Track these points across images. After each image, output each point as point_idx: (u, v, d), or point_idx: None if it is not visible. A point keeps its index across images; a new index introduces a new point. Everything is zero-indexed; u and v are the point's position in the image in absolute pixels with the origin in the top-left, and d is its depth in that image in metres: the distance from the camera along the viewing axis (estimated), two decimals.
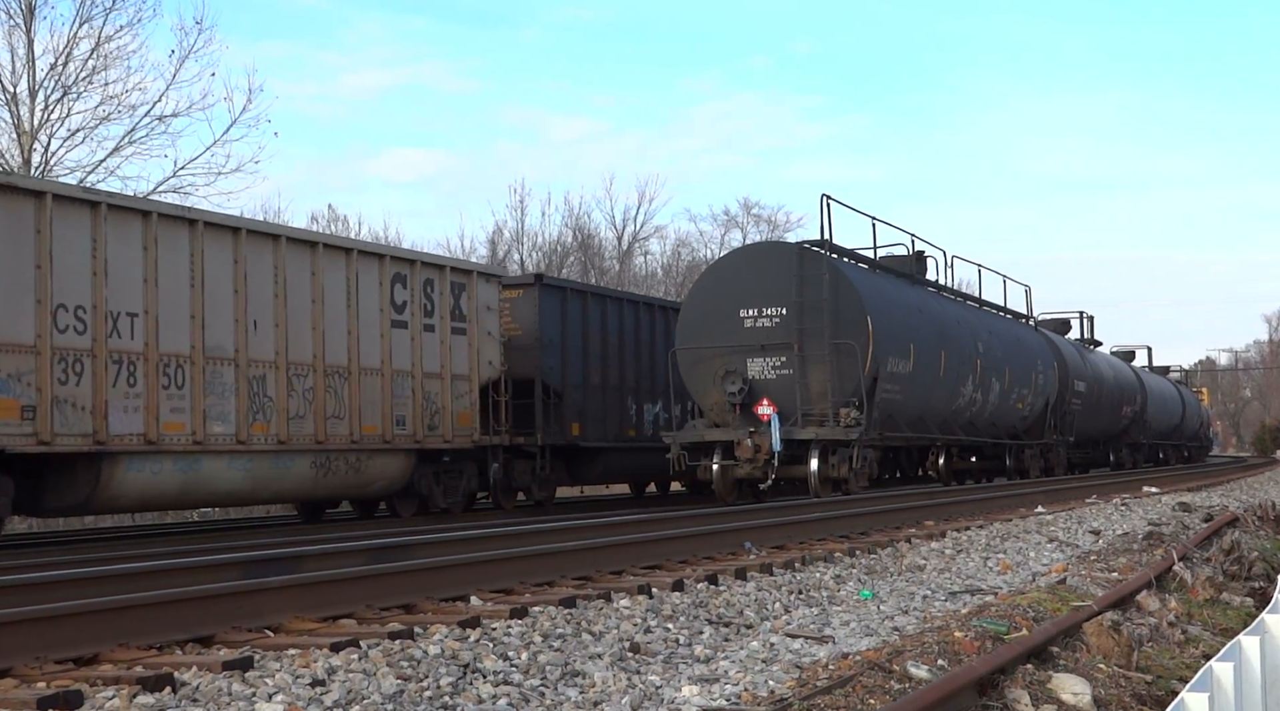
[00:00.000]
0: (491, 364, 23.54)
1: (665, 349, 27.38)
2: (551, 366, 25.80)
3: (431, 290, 22.37)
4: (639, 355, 28.71)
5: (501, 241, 58.45)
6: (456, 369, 22.81)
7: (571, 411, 26.22)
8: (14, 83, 29.98)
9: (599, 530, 14.42)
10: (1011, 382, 31.43)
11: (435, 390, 22.25)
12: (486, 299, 23.71)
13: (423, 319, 22.12)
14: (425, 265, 22.46)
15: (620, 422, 27.89)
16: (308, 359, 19.75)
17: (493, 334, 23.75)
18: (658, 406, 28.94)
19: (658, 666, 7.42)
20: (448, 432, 22.45)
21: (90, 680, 6.54)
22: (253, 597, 8.31)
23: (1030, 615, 8.93)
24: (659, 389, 28.60)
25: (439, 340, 22.46)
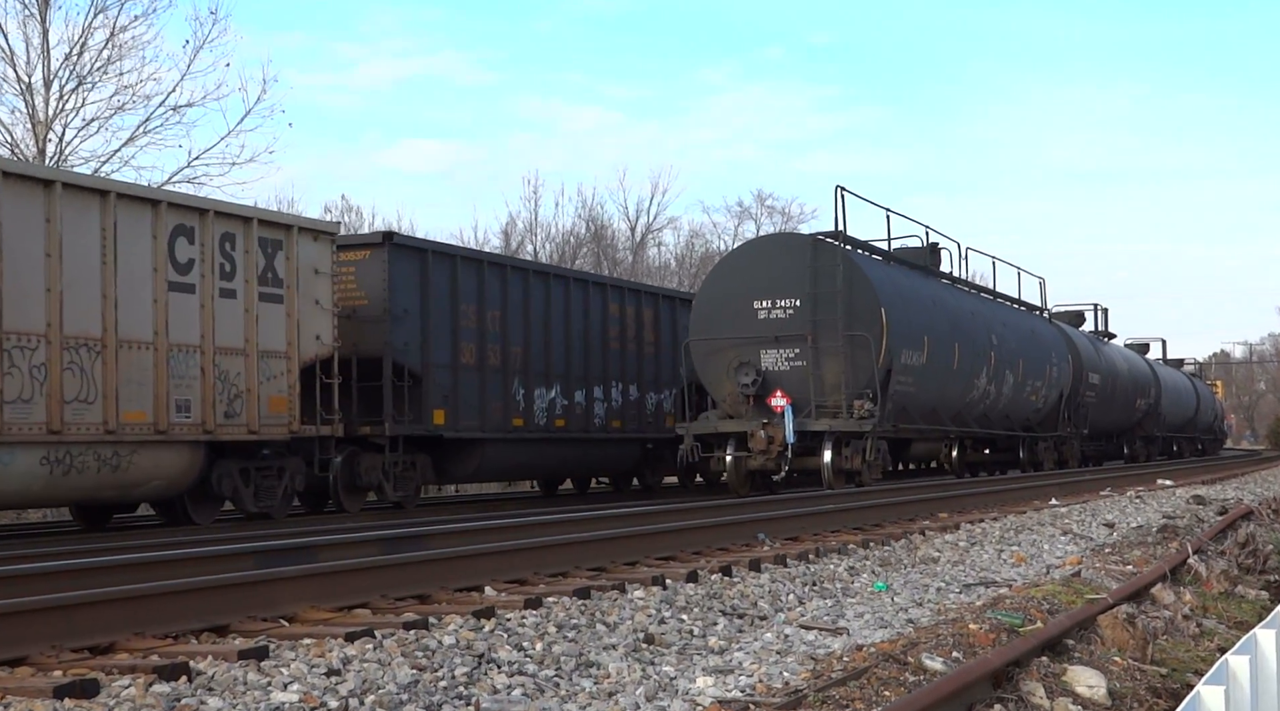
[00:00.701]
0: (320, 339, 19.56)
1: (574, 326, 25.73)
2: (407, 343, 21.53)
3: (232, 247, 18.22)
4: (531, 331, 24.59)
5: (515, 232, 58.46)
6: (267, 344, 18.65)
7: (435, 396, 21.98)
8: (29, 72, 29.99)
9: (613, 521, 14.42)
10: (1025, 375, 31.38)
11: (236, 369, 18.15)
12: (313, 260, 19.55)
13: (218, 282, 17.96)
14: (223, 216, 18.24)
15: (504, 410, 23.73)
16: (36, 328, 15.69)
17: (322, 303, 19.66)
18: (554, 391, 25.19)
19: (672, 657, 7.42)
20: (253, 421, 18.34)
21: (106, 668, 6.55)
22: (268, 587, 8.32)
23: (1045, 607, 8.92)
24: (559, 372, 25.30)
25: (242, 308, 18.32)
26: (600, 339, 26.86)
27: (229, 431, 18.09)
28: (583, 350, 26.21)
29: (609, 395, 26.96)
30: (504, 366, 23.79)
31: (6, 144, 29.77)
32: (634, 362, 27.97)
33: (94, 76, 30.54)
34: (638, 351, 28.12)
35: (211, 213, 18.12)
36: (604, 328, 27.05)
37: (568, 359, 25.70)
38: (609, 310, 27.26)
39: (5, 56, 29.78)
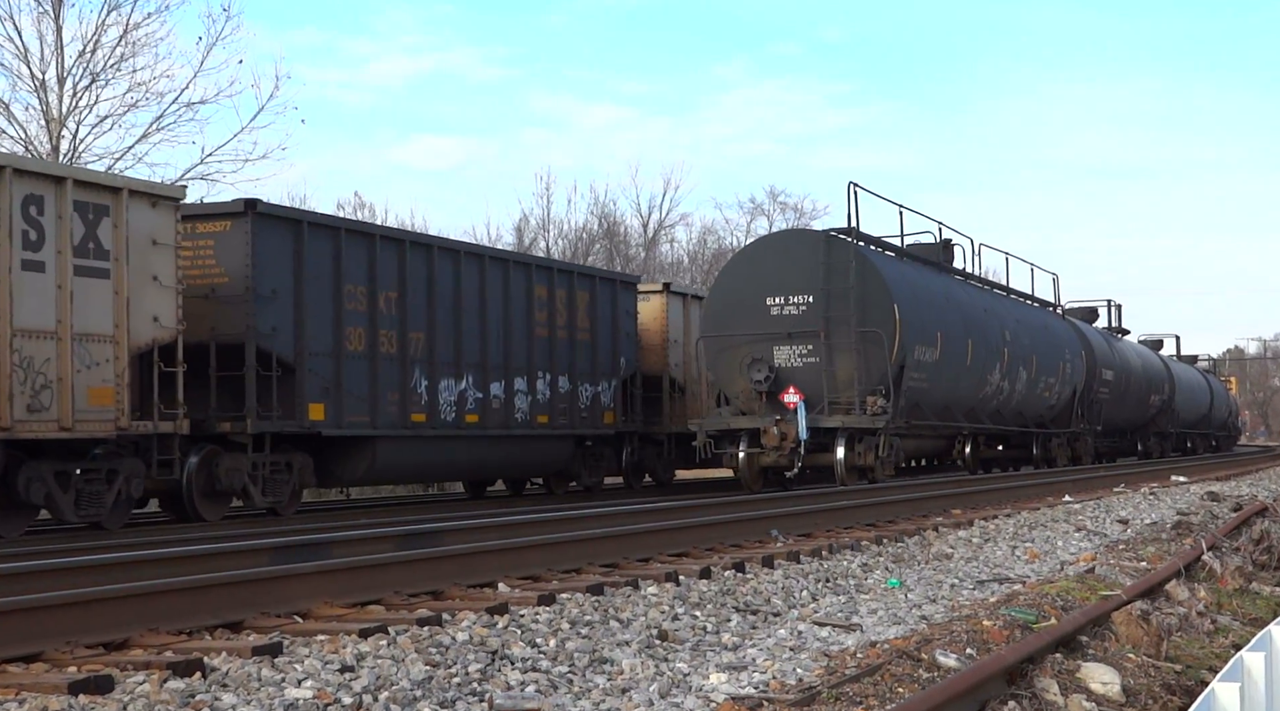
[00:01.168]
0: (159, 320, 16.85)
1: (492, 310, 23.01)
2: (275, 327, 18.87)
3: (39, 212, 15.52)
4: (436, 316, 21.79)
5: (528, 229, 58.48)
6: (86, 325, 15.95)
7: (312, 389, 19.33)
8: (43, 69, 30.09)
9: (625, 518, 14.43)
10: (1039, 371, 31.33)
11: (44, 355, 15.47)
12: (151, 230, 16.87)
13: (19, 252, 15.31)
14: (24, 174, 15.52)
15: (402, 404, 20.94)
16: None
17: (162, 279, 16.92)
18: (465, 383, 22.42)
19: (685, 654, 7.42)
20: (66, 417, 15.63)
21: (120, 664, 6.56)
22: (282, 583, 8.33)
23: (1059, 604, 8.91)
24: (472, 362, 22.62)
25: (52, 284, 15.60)
26: (524, 325, 23.99)
27: (33, 429, 15.39)
28: (501, 337, 23.33)
29: (534, 388, 24.15)
30: (401, 355, 20.98)
31: (21, 141, 29.88)
32: (565, 352, 25.05)
33: (107, 73, 30.66)
34: (570, 339, 25.24)
35: (9, 170, 15.40)
36: (528, 312, 24.13)
37: (483, 347, 22.86)
38: (535, 293, 24.25)
39: (20, 54, 29.91)
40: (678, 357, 28.11)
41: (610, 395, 26.18)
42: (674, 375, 28.00)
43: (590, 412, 25.75)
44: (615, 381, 26.27)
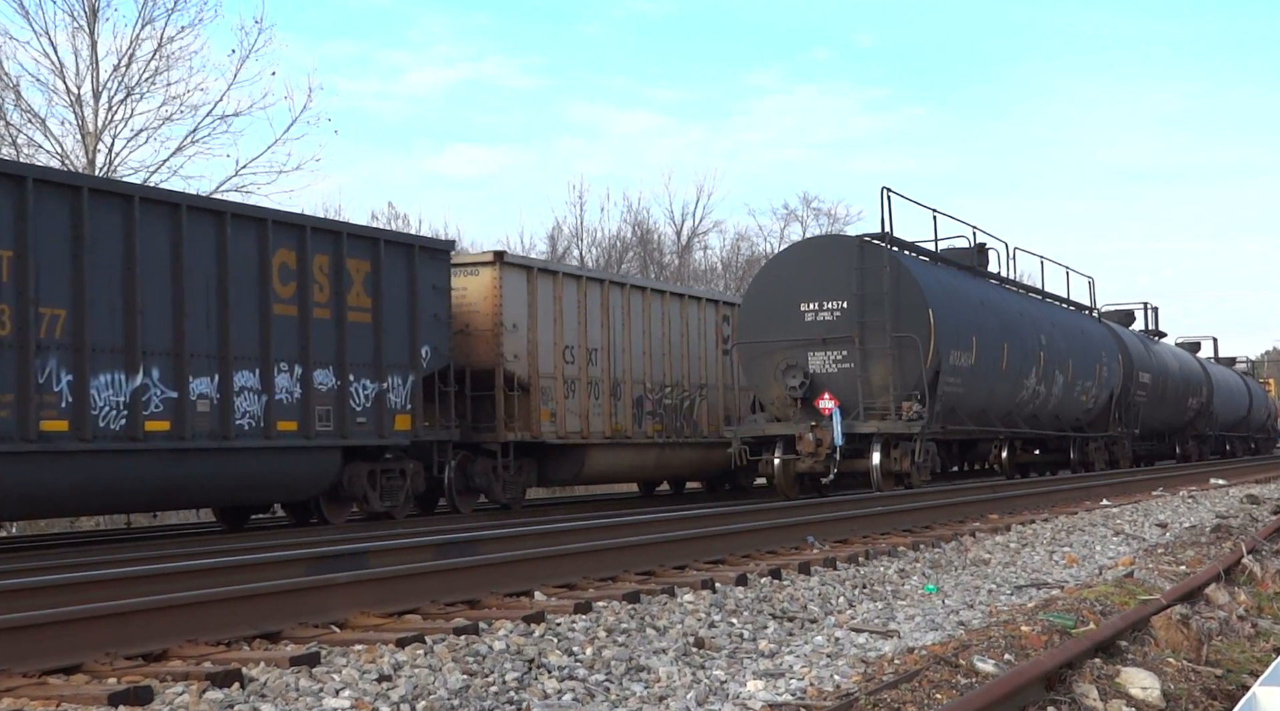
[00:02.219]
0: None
1: (194, 280, 17.42)
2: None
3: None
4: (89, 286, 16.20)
5: (561, 238, 58.55)
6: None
7: None
8: (78, 84, 30.31)
9: (661, 525, 14.42)
10: (1075, 375, 31.19)
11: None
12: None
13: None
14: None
15: (24, 407, 15.34)
16: None
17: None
18: (142, 378, 16.73)
19: (722, 661, 7.42)
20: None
21: (160, 676, 6.59)
22: (319, 593, 8.36)
23: (1097, 609, 8.87)
24: (160, 350, 17.03)
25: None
26: (256, 301, 18.24)
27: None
28: (213, 316, 17.71)
29: (270, 384, 18.27)
30: (20, 339, 15.39)
31: (57, 155, 30.09)
32: (329, 338, 19.25)
33: (142, 87, 30.86)
34: (337, 322, 19.37)
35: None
36: (263, 285, 18.36)
37: (177, 329, 17.18)
38: (270, 259, 18.46)
39: (55, 69, 30.14)
40: (518, 348, 23.04)
41: (408, 394, 20.57)
42: (511, 369, 22.86)
43: (372, 416, 19.93)
44: (413, 377, 20.66)
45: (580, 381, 24.37)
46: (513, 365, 22.79)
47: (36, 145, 30.20)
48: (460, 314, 22.35)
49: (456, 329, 22.04)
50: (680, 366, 27.43)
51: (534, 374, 23.13)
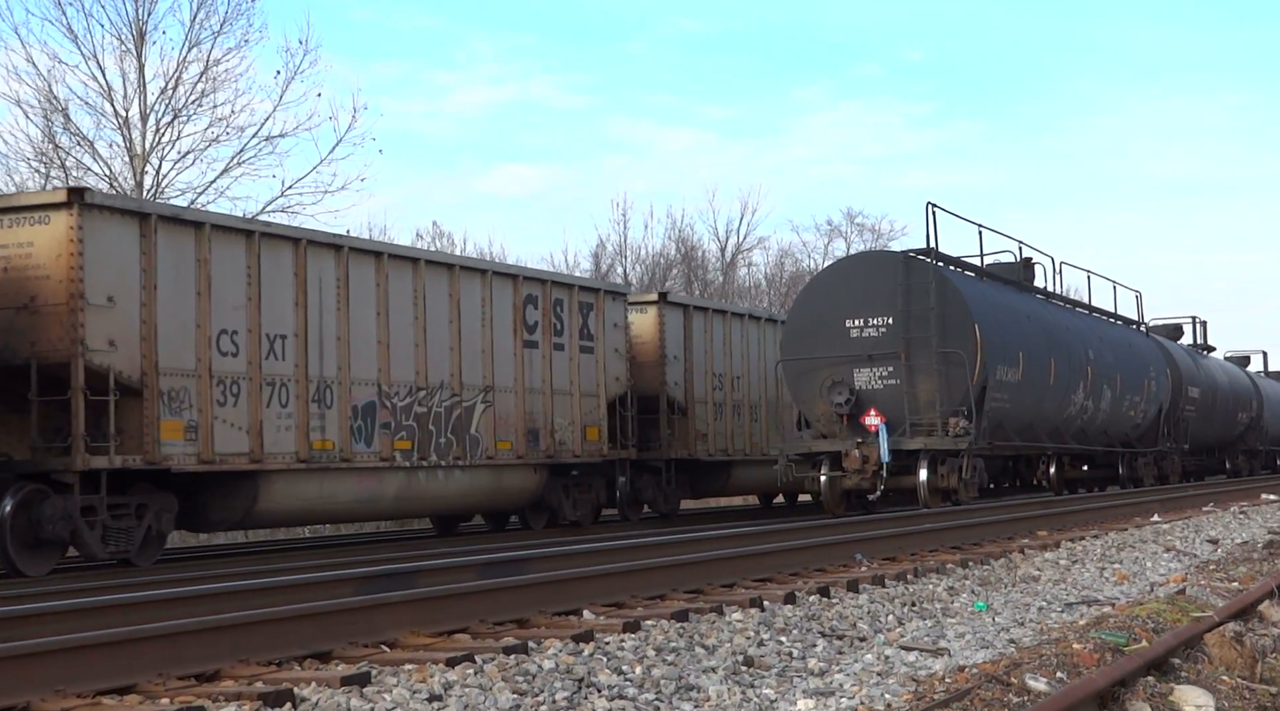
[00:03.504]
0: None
1: None
2: None
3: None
4: None
5: (605, 255, 58.63)
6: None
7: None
8: (126, 107, 30.56)
9: (709, 543, 14.41)
10: (1123, 390, 30.99)
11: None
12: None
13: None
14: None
15: None
16: None
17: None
18: None
19: (772, 680, 7.40)
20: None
21: (212, 696, 6.63)
22: (369, 613, 8.39)
23: (1149, 626, 8.80)
24: None
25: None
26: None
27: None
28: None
29: None
30: None
31: (105, 177, 30.35)
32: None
33: (189, 109, 31.08)
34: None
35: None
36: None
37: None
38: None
39: (103, 92, 30.41)
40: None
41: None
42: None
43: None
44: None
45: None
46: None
47: (85, 168, 30.49)
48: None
49: None
50: None
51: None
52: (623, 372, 24.56)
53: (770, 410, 29.08)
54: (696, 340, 26.94)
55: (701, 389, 26.93)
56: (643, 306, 26.28)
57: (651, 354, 26.21)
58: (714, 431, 27.18)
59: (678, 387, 26.00)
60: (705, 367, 27.13)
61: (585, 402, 23.58)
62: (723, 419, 27.55)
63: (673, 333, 26.27)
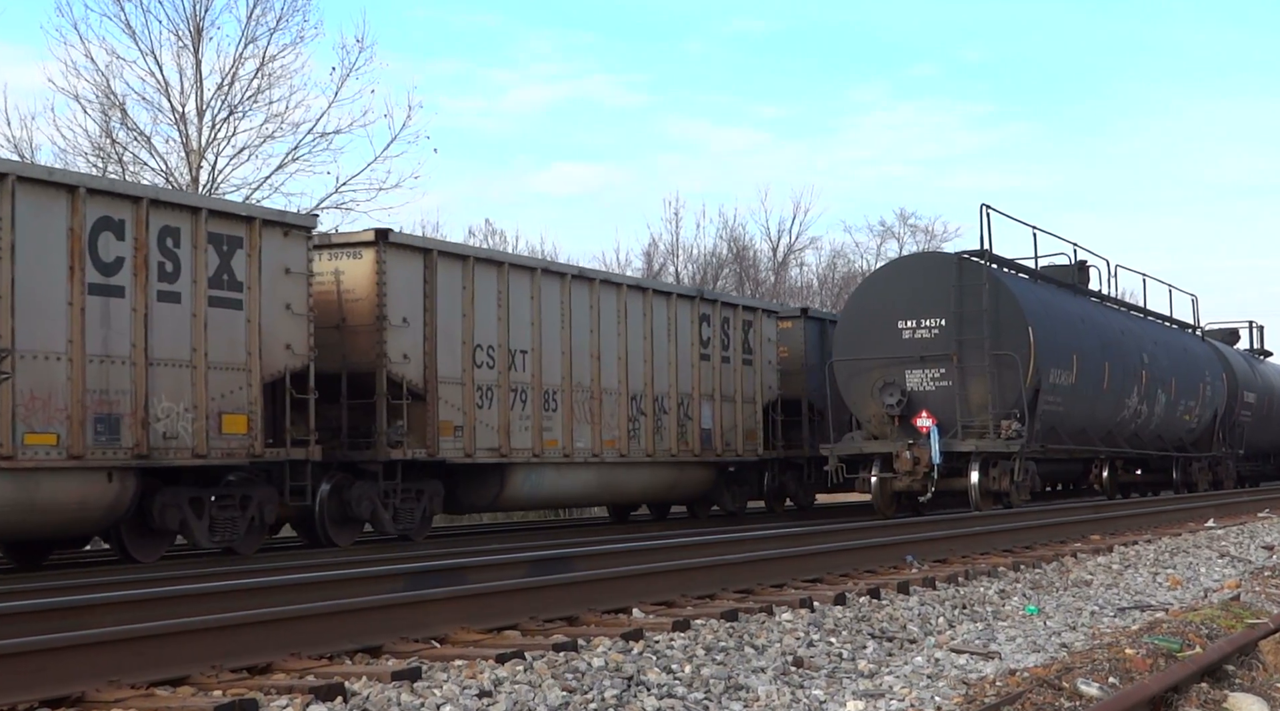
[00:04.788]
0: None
1: None
2: None
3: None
4: None
5: (657, 254, 58.63)
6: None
7: None
8: (183, 102, 30.79)
9: (759, 543, 14.38)
10: (1178, 394, 30.76)
11: None
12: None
13: None
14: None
15: None
16: None
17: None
18: None
19: (821, 681, 7.38)
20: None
21: (264, 689, 6.66)
22: (419, 608, 8.41)
23: (1203, 632, 8.73)
24: None
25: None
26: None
27: None
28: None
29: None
30: None
31: (162, 172, 30.59)
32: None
33: (245, 105, 31.28)
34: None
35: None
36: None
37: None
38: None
39: (160, 87, 30.65)
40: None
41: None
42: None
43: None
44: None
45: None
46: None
47: (142, 163, 30.74)
48: None
49: None
50: None
51: None
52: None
53: (657, 406, 24.18)
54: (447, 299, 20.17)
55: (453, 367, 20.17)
56: (355, 250, 19.40)
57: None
58: (479, 424, 20.37)
59: (408, 362, 19.33)
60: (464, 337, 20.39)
61: None
62: (494, 407, 20.72)
63: (401, 286, 19.43)
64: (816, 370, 27.27)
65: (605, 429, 22.79)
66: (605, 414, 22.82)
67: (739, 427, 26.52)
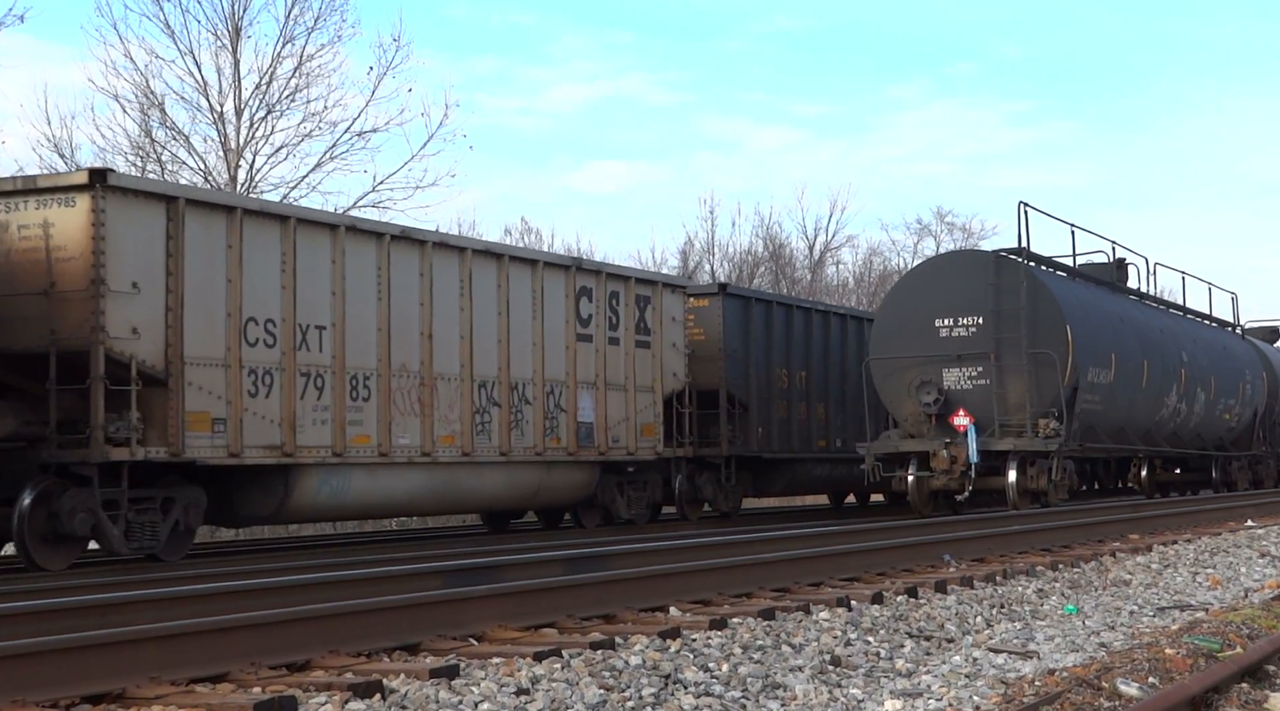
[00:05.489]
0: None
1: None
2: None
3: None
4: None
5: (692, 253, 58.61)
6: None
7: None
8: (221, 102, 30.92)
9: (796, 542, 14.37)
10: (1217, 393, 30.58)
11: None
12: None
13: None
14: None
15: None
16: None
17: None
18: None
19: (859, 680, 7.37)
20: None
21: (303, 686, 6.69)
22: (457, 606, 8.43)
23: (1244, 632, 8.68)
24: None
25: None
26: None
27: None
28: None
29: None
30: None
31: (200, 172, 30.74)
32: None
33: (282, 104, 31.39)
34: None
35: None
36: None
37: None
38: None
39: (199, 87, 30.78)
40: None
41: None
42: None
43: None
44: None
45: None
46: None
47: (180, 162, 30.89)
48: None
49: None
50: None
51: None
52: None
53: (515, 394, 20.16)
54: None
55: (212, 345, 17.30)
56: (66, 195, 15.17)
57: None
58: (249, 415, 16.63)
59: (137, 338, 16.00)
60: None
61: None
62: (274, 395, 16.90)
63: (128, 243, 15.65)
64: (738, 357, 24.59)
65: (440, 422, 18.66)
66: (441, 404, 18.68)
67: (632, 421, 22.13)
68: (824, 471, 27.95)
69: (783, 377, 26.19)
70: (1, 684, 6.14)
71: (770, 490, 27.26)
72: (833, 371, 27.73)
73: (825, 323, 27.93)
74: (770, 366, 25.78)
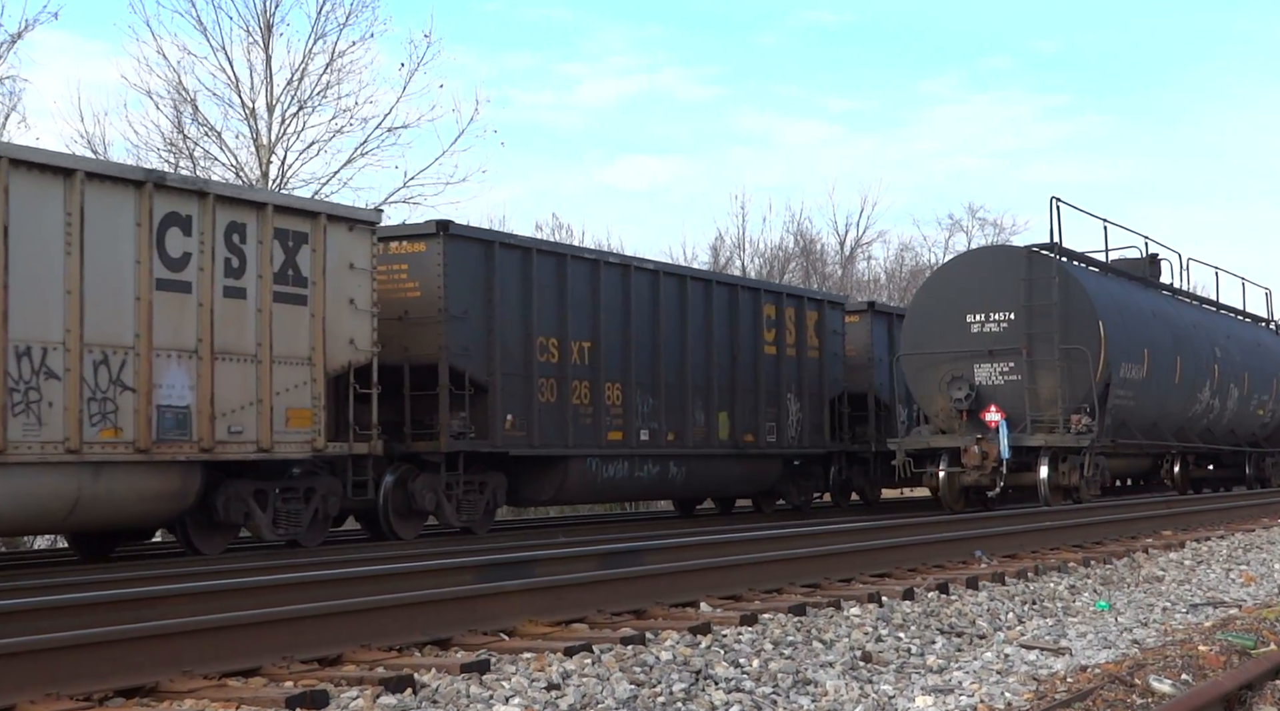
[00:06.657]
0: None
1: None
2: None
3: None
4: None
5: (723, 248, 58.55)
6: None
7: None
8: (253, 98, 31.03)
9: (827, 538, 14.34)
10: (1251, 388, 30.42)
11: None
12: None
13: None
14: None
15: None
16: None
17: None
18: None
19: (890, 676, 7.36)
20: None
21: (335, 680, 6.72)
22: (488, 601, 8.45)
23: (1278, 629, 8.63)
24: None
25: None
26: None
27: None
28: None
29: None
30: None
31: (232, 167, 30.85)
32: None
33: (314, 100, 31.48)
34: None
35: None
36: None
37: None
38: None
39: (231, 83, 30.91)
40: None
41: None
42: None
43: None
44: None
45: None
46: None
47: (213, 158, 31.02)
48: None
49: None
50: None
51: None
52: None
53: None
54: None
55: None
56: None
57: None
58: None
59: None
60: None
61: None
62: None
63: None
64: (472, 320, 18.56)
65: None
66: None
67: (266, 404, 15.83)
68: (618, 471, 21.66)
69: (550, 349, 20.29)
70: (35, 677, 6.19)
71: (535, 497, 21.13)
72: (638, 342, 21.89)
73: (623, 279, 21.72)
74: (529, 335, 19.91)
